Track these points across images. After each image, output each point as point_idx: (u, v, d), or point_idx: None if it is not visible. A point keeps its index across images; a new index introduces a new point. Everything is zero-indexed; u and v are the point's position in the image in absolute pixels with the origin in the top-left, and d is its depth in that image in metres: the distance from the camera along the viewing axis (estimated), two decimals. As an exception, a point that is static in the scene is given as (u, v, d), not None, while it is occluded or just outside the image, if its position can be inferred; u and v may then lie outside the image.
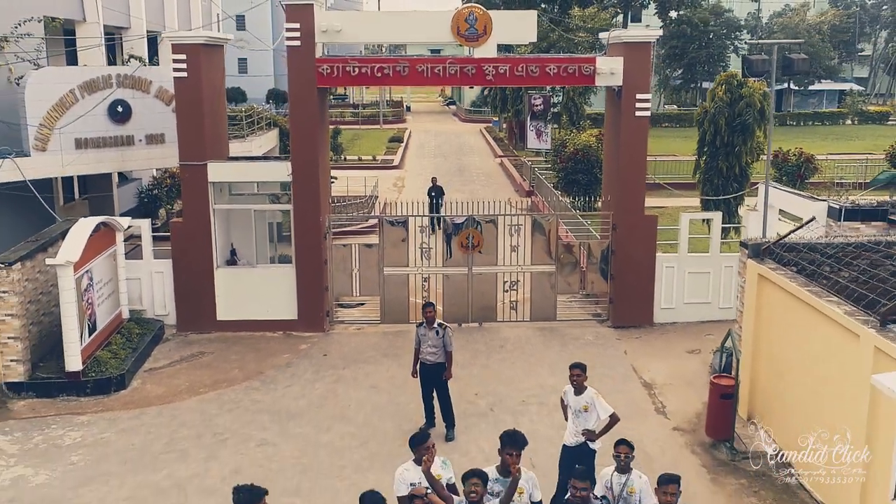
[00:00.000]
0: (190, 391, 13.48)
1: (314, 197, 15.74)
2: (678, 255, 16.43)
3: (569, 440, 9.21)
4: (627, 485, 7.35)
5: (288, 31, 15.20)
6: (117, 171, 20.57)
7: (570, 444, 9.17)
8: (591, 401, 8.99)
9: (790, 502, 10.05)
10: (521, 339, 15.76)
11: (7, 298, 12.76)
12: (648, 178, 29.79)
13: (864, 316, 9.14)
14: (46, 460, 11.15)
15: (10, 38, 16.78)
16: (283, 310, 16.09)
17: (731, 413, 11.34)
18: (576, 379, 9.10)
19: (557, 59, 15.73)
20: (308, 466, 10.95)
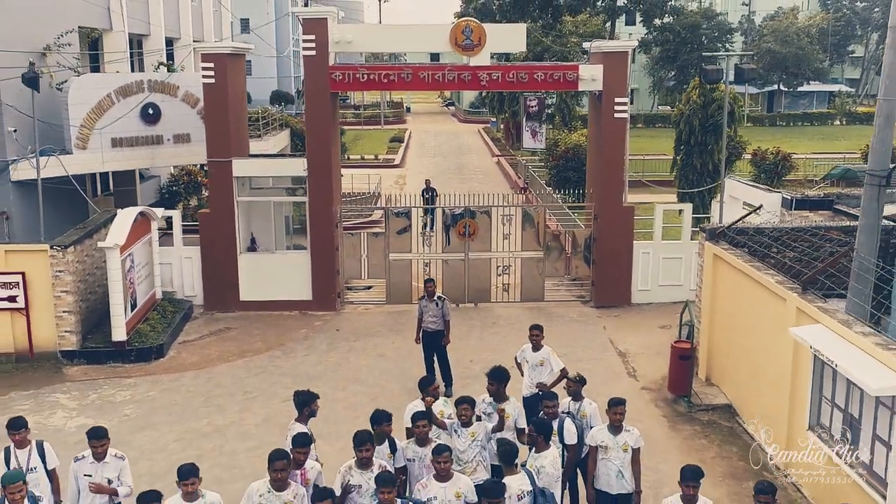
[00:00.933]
0: (220, 359, 15.39)
1: (327, 190, 17.63)
2: (653, 243, 18.33)
3: (525, 392, 10.93)
4: (580, 409, 9.24)
5: (304, 41, 17.10)
6: (148, 167, 22.42)
7: (527, 395, 10.82)
8: (547, 356, 10.79)
9: (733, 443, 11.93)
10: (511, 317, 17.66)
11: (63, 277, 14.65)
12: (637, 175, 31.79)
13: (790, 284, 11.04)
14: (103, 413, 13.05)
15: (53, 48, 18.66)
16: (299, 291, 17.98)
17: (689, 372, 13.25)
18: (534, 338, 10.90)
19: (544, 66, 17.66)
20: (327, 417, 12.78)
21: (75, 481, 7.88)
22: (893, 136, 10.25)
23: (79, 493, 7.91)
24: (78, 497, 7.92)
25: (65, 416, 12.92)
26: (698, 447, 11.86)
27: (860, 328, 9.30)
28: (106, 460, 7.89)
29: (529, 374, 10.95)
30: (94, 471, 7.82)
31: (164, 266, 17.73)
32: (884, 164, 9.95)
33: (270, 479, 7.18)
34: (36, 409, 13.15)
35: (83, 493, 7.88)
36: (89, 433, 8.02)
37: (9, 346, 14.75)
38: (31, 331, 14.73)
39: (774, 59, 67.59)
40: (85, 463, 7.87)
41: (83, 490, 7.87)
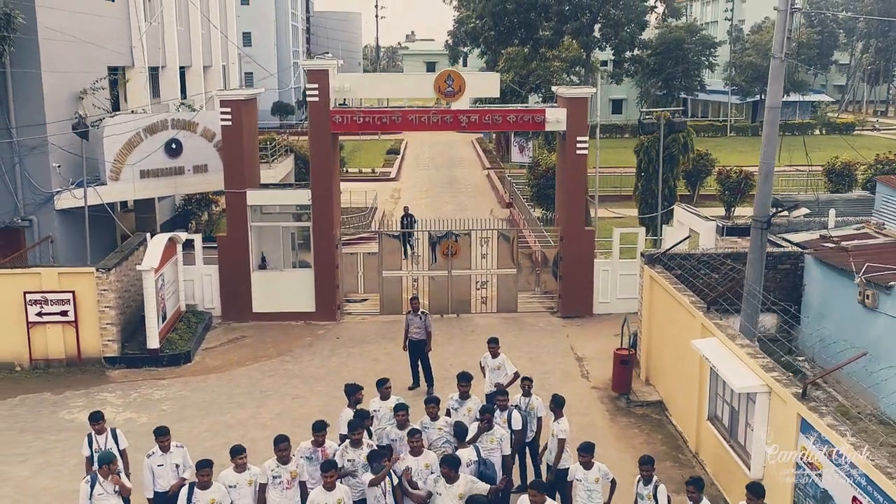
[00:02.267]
0: (239, 363, 18.16)
1: (328, 216, 20.39)
2: (611, 261, 21.09)
3: (486, 390, 13.69)
4: (529, 403, 12.00)
5: (308, 89, 19.86)
6: (171, 195, 25.17)
7: (488, 392, 13.57)
8: (503, 362, 13.57)
9: (659, 431, 14.70)
10: (488, 327, 20.40)
11: (106, 295, 17.40)
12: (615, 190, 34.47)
13: (699, 304, 13.81)
14: (144, 408, 15.81)
15: (89, 92, 21.42)
16: (304, 304, 20.73)
17: (628, 374, 16.02)
18: (492, 349, 13.67)
19: (515, 110, 20.46)
20: (329, 412, 15.44)
21: (150, 472, 10.46)
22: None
23: (154, 480, 10.50)
24: (153, 483, 10.53)
25: (113, 412, 15.66)
26: (630, 435, 14.64)
27: (741, 341, 12.08)
28: (171, 451, 10.53)
29: (489, 376, 13.71)
30: (164, 461, 10.43)
31: (187, 282, 20.48)
32: (764, 212, 12.72)
33: (277, 456, 9.89)
34: (88, 406, 15.85)
35: (157, 480, 10.49)
36: (156, 431, 10.64)
37: (60, 352, 17.50)
38: (79, 340, 17.47)
39: (756, 72, 70.40)
40: (155, 456, 10.46)
41: (158, 477, 10.47)
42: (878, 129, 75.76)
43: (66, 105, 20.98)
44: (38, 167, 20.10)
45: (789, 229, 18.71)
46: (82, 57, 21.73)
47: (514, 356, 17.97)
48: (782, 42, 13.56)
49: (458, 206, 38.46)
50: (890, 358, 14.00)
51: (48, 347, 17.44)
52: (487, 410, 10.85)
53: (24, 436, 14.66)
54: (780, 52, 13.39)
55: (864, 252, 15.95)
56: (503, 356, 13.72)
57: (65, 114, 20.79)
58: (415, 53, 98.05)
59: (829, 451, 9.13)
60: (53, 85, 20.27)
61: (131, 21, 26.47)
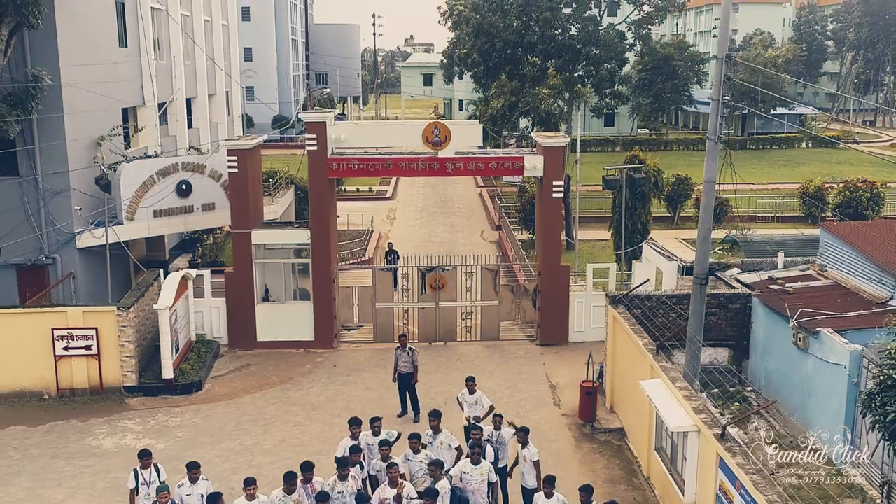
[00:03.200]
0: (244, 391, 20.08)
1: (326, 253, 22.31)
2: (585, 293, 23.01)
3: (465, 423, 15.62)
4: (499, 436, 13.92)
5: (308, 139, 21.78)
6: (182, 231, 27.09)
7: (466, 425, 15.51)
8: (479, 397, 15.48)
9: (618, 457, 16.62)
10: (472, 354, 22.36)
11: (126, 330, 19.32)
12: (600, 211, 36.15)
13: (650, 345, 15.75)
14: (162, 435, 17.73)
15: (107, 138, 23.36)
16: (304, 333, 22.64)
17: (593, 404, 17.94)
18: (469, 387, 15.55)
19: (496, 157, 22.38)
20: (327, 438, 17.45)
21: (179, 501, 12.34)
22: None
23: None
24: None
25: (134, 438, 17.59)
26: (592, 460, 16.57)
27: (680, 383, 14.01)
28: (198, 482, 12.42)
29: (468, 410, 15.62)
30: (192, 491, 12.30)
31: (197, 313, 22.40)
32: (703, 270, 14.65)
33: (283, 487, 11.79)
34: (111, 433, 17.85)
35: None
36: (188, 465, 12.49)
37: (84, 382, 19.42)
38: (101, 371, 19.38)
39: (743, 87, 72.32)
40: (185, 486, 12.32)
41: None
42: (857, 143, 77.44)
43: (86, 150, 22.90)
44: (61, 209, 22.00)
45: (743, 270, 20.65)
46: (100, 104, 23.60)
47: (495, 384, 20.10)
48: (720, 84, 15.29)
49: (450, 227, 40.43)
50: (818, 394, 15.96)
51: (73, 378, 19.35)
52: (476, 445, 12.77)
53: (56, 461, 16.58)
54: (717, 95, 15.18)
55: (803, 295, 17.88)
56: (479, 392, 15.61)
57: (85, 158, 22.72)
58: (412, 66, 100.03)
59: (737, 484, 11.06)
60: (75, 133, 22.17)
61: (142, 62, 28.37)
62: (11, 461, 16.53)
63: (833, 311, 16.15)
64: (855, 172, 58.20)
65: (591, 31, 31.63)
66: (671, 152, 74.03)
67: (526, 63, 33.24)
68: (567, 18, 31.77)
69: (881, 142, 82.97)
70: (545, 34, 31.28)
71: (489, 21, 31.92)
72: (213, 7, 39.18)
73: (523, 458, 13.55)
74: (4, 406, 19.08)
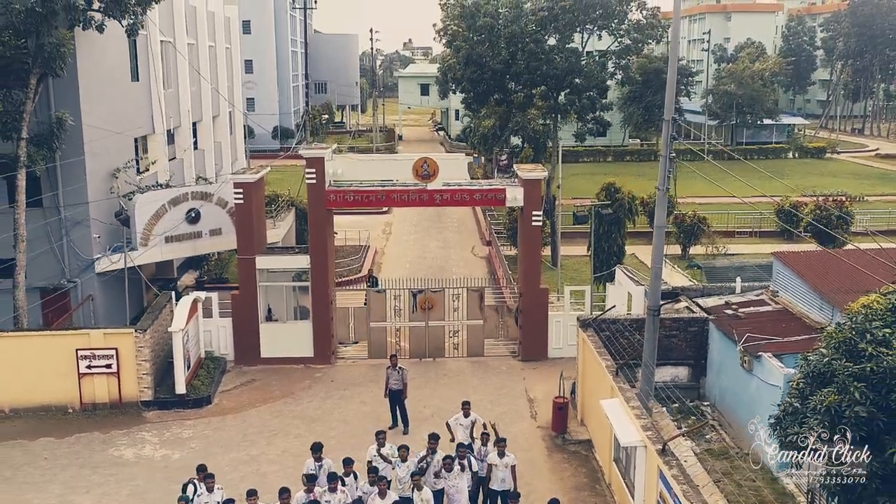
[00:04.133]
0: (250, 405, 22.07)
1: (324, 277, 24.31)
2: (563, 313, 25.00)
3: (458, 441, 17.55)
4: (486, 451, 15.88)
5: (307, 173, 23.77)
6: (191, 255, 29.11)
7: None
8: (476, 418, 17.32)
9: (585, 466, 18.61)
10: (458, 370, 24.36)
11: (143, 350, 21.32)
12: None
13: (612, 367, 17.75)
14: (177, 446, 19.72)
15: (122, 170, 25.36)
16: (304, 350, 24.63)
17: (564, 417, 19.94)
18: (465, 410, 17.43)
19: (480, 189, 24.38)
20: (325, 450, 19.42)
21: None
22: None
23: None
24: None
25: (151, 449, 19.60)
26: (561, 469, 18.57)
27: (634, 403, 16.01)
28: (214, 491, 14.40)
29: (463, 433, 17.37)
30: (209, 499, 14.30)
31: (205, 332, 24.40)
32: (656, 303, 16.66)
33: (279, 501, 13.75)
34: (131, 444, 19.84)
35: None
36: (206, 475, 14.49)
37: (105, 397, 21.42)
38: (120, 387, 21.38)
39: (731, 99, 74.49)
40: (204, 495, 14.33)
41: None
42: (838, 153, 79.35)
43: (103, 182, 24.89)
44: (81, 237, 24.00)
45: (703, 294, 22.66)
46: (115, 137, 25.62)
47: (479, 398, 22.10)
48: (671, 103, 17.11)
49: (443, 242, 42.44)
50: (762, 412, 17.92)
51: (95, 393, 21.36)
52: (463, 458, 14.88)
53: (83, 470, 18.57)
54: (665, 151, 17.11)
55: (753, 320, 19.89)
56: (474, 414, 17.46)
57: (102, 189, 24.73)
58: (409, 76, 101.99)
59: (672, 493, 13.06)
60: (93, 166, 24.17)
61: (152, 94, 30.36)
62: (44, 470, 18.53)
63: (776, 336, 18.15)
64: (836, 184, 60.45)
65: (573, 62, 33.68)
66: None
67: (513, 90, 35.24)
68: (551, 49, 33.80)
69: (866, 151, 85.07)
70: (530, 65, 33.32)
71: (478, 52, 33.97)
72: (217, 32, 41.20)
73: (504, 466, 15.47)
74: (33, 419, 21.08)
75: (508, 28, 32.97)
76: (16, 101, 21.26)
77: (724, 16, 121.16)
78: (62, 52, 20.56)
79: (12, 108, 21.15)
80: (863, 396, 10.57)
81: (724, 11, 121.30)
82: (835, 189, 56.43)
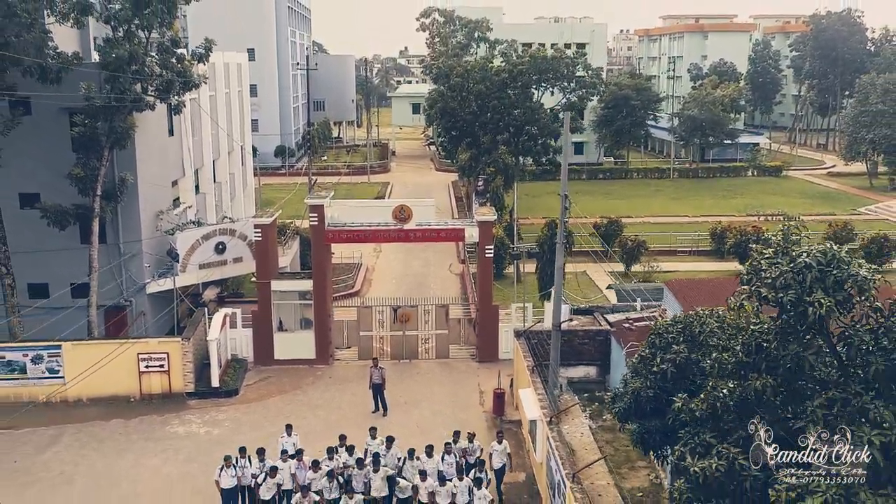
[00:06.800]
0: (268, 395, 29.05)
1: (323, 296, 31.29)
2: (511, 324, 31.98)
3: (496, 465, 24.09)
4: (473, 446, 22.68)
5: (310, 216, 30.77)
6: (219, 278, 36.08)
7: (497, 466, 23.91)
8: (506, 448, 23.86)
9: (514, 438, 25.53)
10: (428, 369, 31.35)
11: (187, 354, 28.29)
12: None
13: (531, 365, 24.70)
14: (215, 425, 26.69)
15: (166, 212, 32.35)
16: (308, 353, 31.58)
17: (502, 403, 26.92)
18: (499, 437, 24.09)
19: (445, 229, 31.43)
20: (327, 427, 26.36)
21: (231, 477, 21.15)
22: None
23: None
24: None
25: (197, 427, 26.57)
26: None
27: (539, 390, 23.00)
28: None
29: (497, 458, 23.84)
30: (242, 473, 21.12)
31: (232, 339, 31.37)
32: (558, 321, 23.64)
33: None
34: (181, 423, 26.80)
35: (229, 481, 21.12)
36: (240, 449, 21.45)
37: (159, 389, 28.37)
38: (170, 382, 28.34)
39: (694, 123, 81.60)
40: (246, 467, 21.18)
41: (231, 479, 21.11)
42: (787, 171, 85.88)
43: (151, 221, 31.89)
44: (135, 266, 30.96)
45: (612, 311, 29.68)
46: (159, 185, 32.60)
47: (443, 391, 29.08)
48: (564, 180, 24.13)
49: (424, 261, 49.46)
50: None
51: (151, 386, 28.31)
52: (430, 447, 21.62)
53: (148, 443, 25.53)
54: (560, 239, 24.12)
55: (642, 331, 26.87)
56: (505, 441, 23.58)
57: (150, 227, 31.70)
58: (402, 96, 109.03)
59: (553, 450, 20.02)
60: (144, 211, 31.16)
61: (183, 144, 37.34)
62: (120, 442, 25.50)
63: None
64: (782, 203, 67.38)
65: (529, 114, 40.72)
66: (630, 180, 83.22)
67: (480, 137, 42.35)
68: (512, 104, 40.84)
69: (822, 168, 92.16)
70: (494, 116, 40.33)
71: (451, 106, 41.00)
72: (231, 80, 48.21)
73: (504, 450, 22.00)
74: (105, 406, 28.03)
75: (477, 86, 40.02)
76: (92, 168, 28.19)
77: (702, 35, 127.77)
78: (129, 132, 27.53)
79: (90, 172, 28.08)
80: (653, 383, 17.55)
81: (702, 31, 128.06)
82: (775, 209, 63.39)
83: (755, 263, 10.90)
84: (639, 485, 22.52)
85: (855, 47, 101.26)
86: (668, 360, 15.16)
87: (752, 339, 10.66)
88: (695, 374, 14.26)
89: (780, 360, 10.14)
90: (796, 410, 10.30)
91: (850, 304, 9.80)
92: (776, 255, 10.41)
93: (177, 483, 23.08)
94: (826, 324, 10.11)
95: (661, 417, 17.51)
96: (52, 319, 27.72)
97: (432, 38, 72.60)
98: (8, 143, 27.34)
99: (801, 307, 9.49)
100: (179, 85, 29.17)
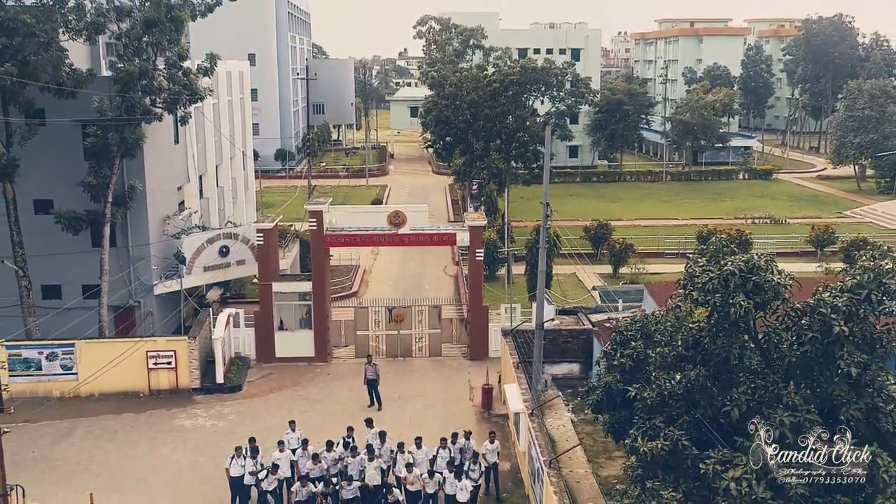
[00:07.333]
0: (269, 391, 30.74)
1: (322, 297, 32.97)
2: (500, 324, 33.66)
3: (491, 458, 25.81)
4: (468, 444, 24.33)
5: (310, 221, 32.47)
6: (221, 280, 37.78)
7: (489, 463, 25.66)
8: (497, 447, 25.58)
9: (502, 430, 27.20)
10: (421, 366, 33.05)
11: (193, 352, 29.97)
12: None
13: (517, 361, 26.38)
14: (220, 418, 28.38)
15: (172, 217, 34.04)
16: (307, 351, 33.25)
17: (490, 398, 28.62)
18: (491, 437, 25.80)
19: (438, 233, 33.14)
20: (323, 422, 28.04)
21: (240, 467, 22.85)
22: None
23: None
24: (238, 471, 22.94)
25: (203, 420, 28.26)
26: (486, 432, 27.19)
27: (522, 384, 24.68)
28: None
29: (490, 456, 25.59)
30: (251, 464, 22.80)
31: (235, 338, 33.06)
32: (541, 321, 25.33)
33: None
34: (188, 417, 28.49)
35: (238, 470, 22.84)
36: (249, 439, 23.15)
37: (166, 385, 30.05)
38: (177, 378, 30.02)
39: (686, 127, 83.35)
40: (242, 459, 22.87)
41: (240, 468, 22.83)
42: (777, 174, 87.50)
43: (158, 226, 33.58)
44: (143, 268, 32.66)
45: (596, 311, 31.38)
46: (165, 190, 34.29)
47: (435, 387, 30.80)
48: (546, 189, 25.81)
49: (420, 262, 51.19)
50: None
51: (159, 382, 30.00)
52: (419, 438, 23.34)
53: (158, 434, 27.21)
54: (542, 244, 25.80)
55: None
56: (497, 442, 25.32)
57: (157, 231, 33.39)
58: (400, 100, 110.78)
59: (534, 438, 21.70)
60: (152, 216, 32.86)
61: (188, 151, 39.03)
62: (132, 434, 27.20)
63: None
64: (771, 206, 69.10)
65: (520, 122, 42.46)
66: (624, 183, 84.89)
67: (473, 144, 44.12)
68: (503, 112, 42.59)
69: (812, 171, 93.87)
70: (486, 124, 42.09)
71: (445, 115, 42.74)
72: (233, 87, 49.91)
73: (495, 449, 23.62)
74: (116, 401, 29.71)
75: (469, 96, 41.74)
76: (103, 176, 29.90)
77: (697, 39, 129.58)
78: (139, 142, 29.25)
79: (101, 180, 29.79)
80: (622, 375, 19.24)
81: (697, 35, 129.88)
82: (763, 212, 65.15)
83: (690, 270, 12.59)
84: (615, 473, 24.21)
85: (846, 52, 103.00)
86: (626, 356, 16.85)
87: (689, 336, 12.34)
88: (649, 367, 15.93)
89: (712, 354, 11.81)
90: (726, 397, 11.98)
91: (769, 305, 11.48)
92: (708, 262, 12.09)
93: (185, 471, 24.78)
94: (752, 322, 11.78)
95: (630, 408, 19.26)
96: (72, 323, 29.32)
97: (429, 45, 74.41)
98: (25, 153, 29.05)
99: (726, 308, 11.18)
100: (186, 97, 30.86)
